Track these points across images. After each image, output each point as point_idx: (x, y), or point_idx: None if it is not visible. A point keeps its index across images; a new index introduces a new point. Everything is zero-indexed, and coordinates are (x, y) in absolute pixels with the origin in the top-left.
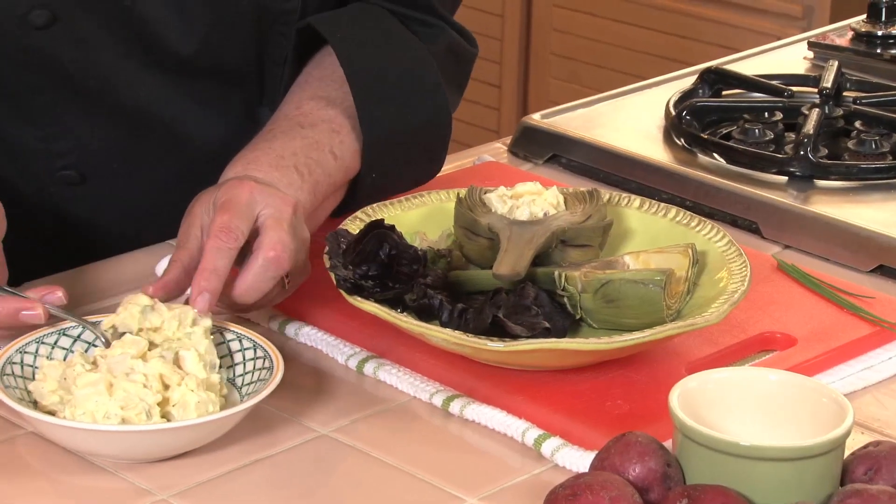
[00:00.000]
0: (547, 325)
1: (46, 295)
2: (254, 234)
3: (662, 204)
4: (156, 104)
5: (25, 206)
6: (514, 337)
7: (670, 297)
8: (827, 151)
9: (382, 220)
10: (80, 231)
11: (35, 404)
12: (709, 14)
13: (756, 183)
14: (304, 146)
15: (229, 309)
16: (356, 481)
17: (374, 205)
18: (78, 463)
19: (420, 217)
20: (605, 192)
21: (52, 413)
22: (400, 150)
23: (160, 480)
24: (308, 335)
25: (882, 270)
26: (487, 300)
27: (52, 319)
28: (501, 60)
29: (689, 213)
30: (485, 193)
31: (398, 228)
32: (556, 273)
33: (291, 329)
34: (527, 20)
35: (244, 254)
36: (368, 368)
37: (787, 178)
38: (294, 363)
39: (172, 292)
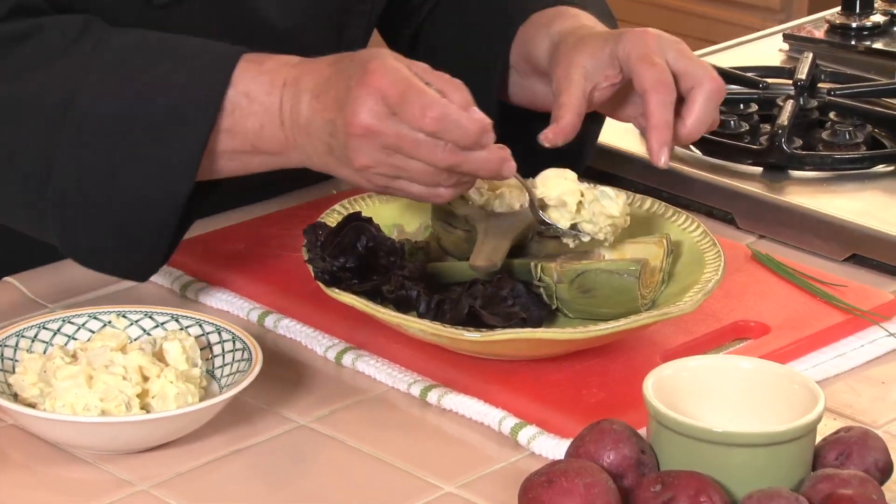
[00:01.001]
0: (523, 315)
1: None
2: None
3: (638, 195)
4: None
5: None
6: (491, 327)
7: (645, 287)
8: (801, 142)
9: (359, 212)
10: None
11: (15, 397)
12: (689, 7)
13: (731, 174)
14: None
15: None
16: (335, 471)
17: (352, 198)
18: (58, 455)
19: (398, 209)
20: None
21: (32, 405)
22: None
23: (140, 471)
24: (287, 327)
25: (855, 259)
26: (464, 291)
27: None
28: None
29: (664, 203)
30: None
31: (376, 221)
32: (532, 264)
33: (270, 321)
34: None
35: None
36: (347, 359)
37: (761, 168)
38: (273, 355)
39: (570, 135)
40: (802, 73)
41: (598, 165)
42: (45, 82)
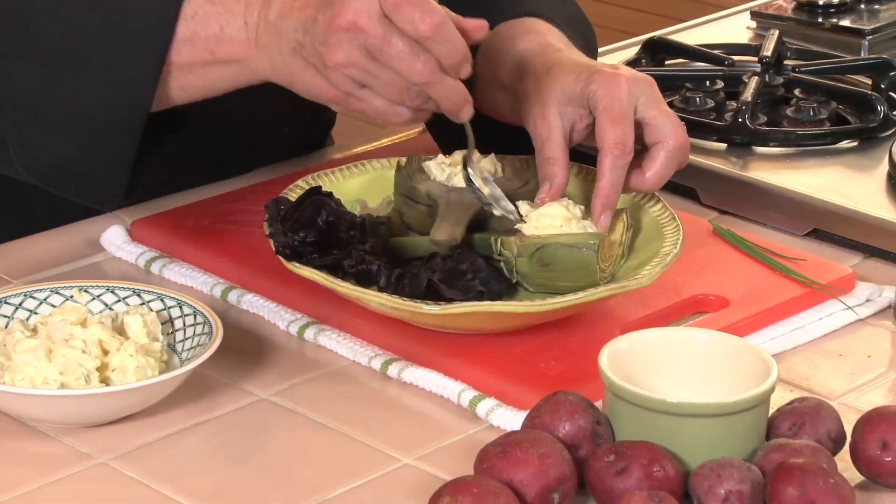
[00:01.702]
0: (481, 288)
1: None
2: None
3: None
4: None
5: None
6: (449, 300)
7: (604, 261)
8: (766, 119)
9: (320, 187)
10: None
11: None
12: None
13: (697, 150)
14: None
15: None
16: (294, 444)
17: (315, 174)
18: (19, 428)
19: (361, 185)
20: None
21: None
22: None
23: (100, 444)
24: (250, 302)
25: (817, 234)
26: (423, 265)
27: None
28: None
29: None
30: (424, 161)
31: (339, 196)
32: (493, 238)
33: (234, 296)
34: None
35: None
36: (309, 334)
37: (726, 145)
38: (236, 330)
39: (563, 192)
40: (768, 51)
41: None
42: None
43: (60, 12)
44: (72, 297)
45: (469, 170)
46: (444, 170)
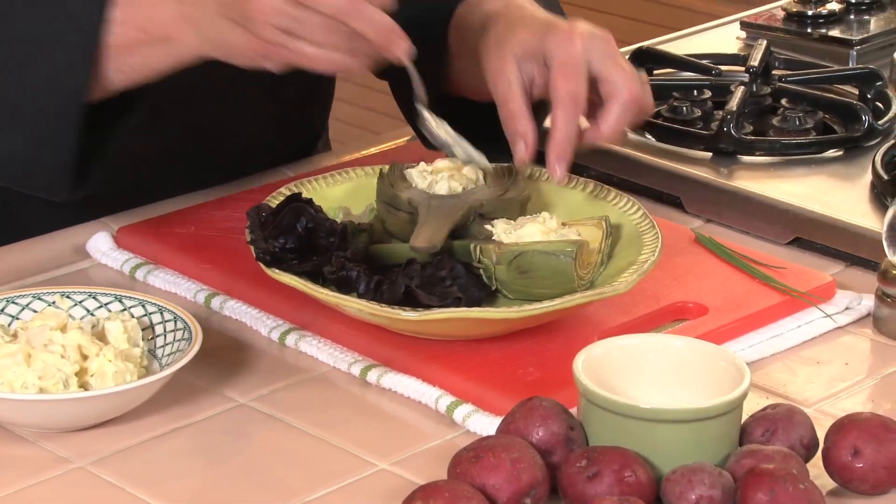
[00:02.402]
0: (459, 294)
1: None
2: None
3: (581, 178)
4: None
5: None
6: (427, 307)
7: (582, 268)
8: (752, 128)
9: (300, 193)
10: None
11: None
12: (693, 5)
13: (683, 159)
14: None
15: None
16: (271, 448)
17: (298, 181)
18: None
19: (345, 192)
20: (527, 168)
21: None
22: None
23: (78, 449)
24: (232, 308)
25: (799, 243)
26: (401, 271)
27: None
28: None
29: (606, 186)
30: (406, 169)
31: (323, 203)
32: (472, 245)
33: (217, 302)
34: None
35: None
36: (290, 340)
37: (711, 154)
38: (218, 336)
39: (535, 148)
40: (755, 60)
41: None
42: None
43: None
44: (53, 302)
45: (422, 112)
46: (425, 177)
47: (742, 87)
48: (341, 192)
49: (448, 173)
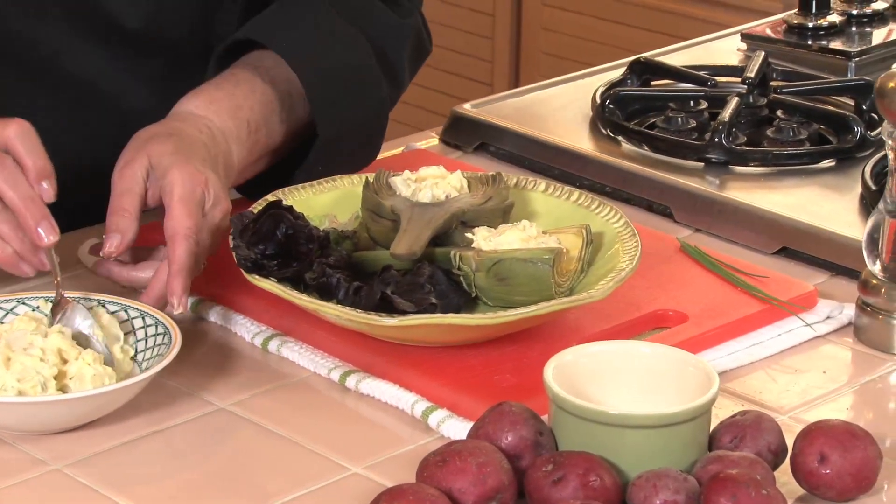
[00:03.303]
0: (433, 301)
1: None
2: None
3: (566, 187)
4: (102, 79)
5: None
6: (403, 312)
7: (560, 276)
8: (746, 139)
9: (280, 200)
10: None
11: None
12: (695, 13)
13: (675, 169)
14: (261, 103)
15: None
16: (246, 452)
17: (286, 189)
18: None
19: (331, 200)
20: (513, 177)
21: None
22: (346, 144)
23: (56, 451)
24: (217, 314)
25: (786, 253)
26: (377, 278)
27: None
28: (493, 59)
29: (590, 195)
30: (391, 177)
31: (309, 211)
32: (452, 252)
33: (203, 309)
34: (517, 19)
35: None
36: (272, 346)
37: (703, 164)
38: (202, 341)
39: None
40: (752, 72)
41: (545, 161)
42: None
43: None
44: (38, 307)
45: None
46: (409, 185)
47: (736, 98)
48: (328, 200)
49: (432, 181)
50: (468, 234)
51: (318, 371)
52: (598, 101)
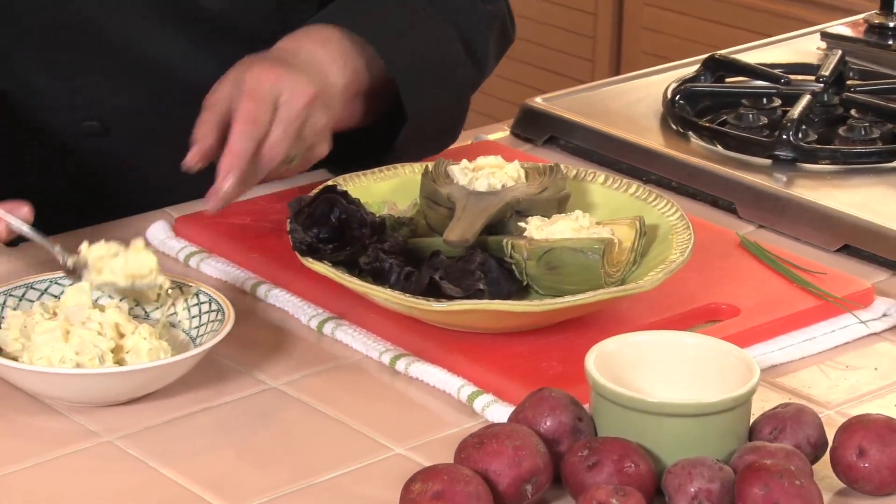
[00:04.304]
0: (481, 287)
1: (14, 209)
2: None
3: (625, 179)
4: (180, 63)
5: (52, 155)
6: (450, 297)
7: (611, 266)
8: (816, 136)
9: (335, 185)
10: (105, 183)
11: (0, 351)
12: (801, 14)
13: (743, 166)
14: (353, 46)
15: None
16: (293, 429)
17: (347, 175)
18: (35, 405)
19: (391, 187)
20: (573, 168)
21: (14, 359)
22: (428, 128)
23: (108, 423)
24: (276, 296)
25: (849, 251)
26: (425, 263)
27: (13, 236)
28: (594, 58)
29: (647, 188)
30: (449, 166)
31: (369, 198)
32: (504, 241)
33: (262, 290)
34: (619, 18)
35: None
36: (327, 328)
37: (771, 161)
38: (260, 322)
39: (209, 154)
40: (827, 70)
41: (613, 155)
42: None
43: None
44: (47, 290)
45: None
46: (467, 174)
47: (808, 96)
48: (388, 187)
49: (489, 170)
50: (521, 224)
51: (370, 354)
52: (669, 96)
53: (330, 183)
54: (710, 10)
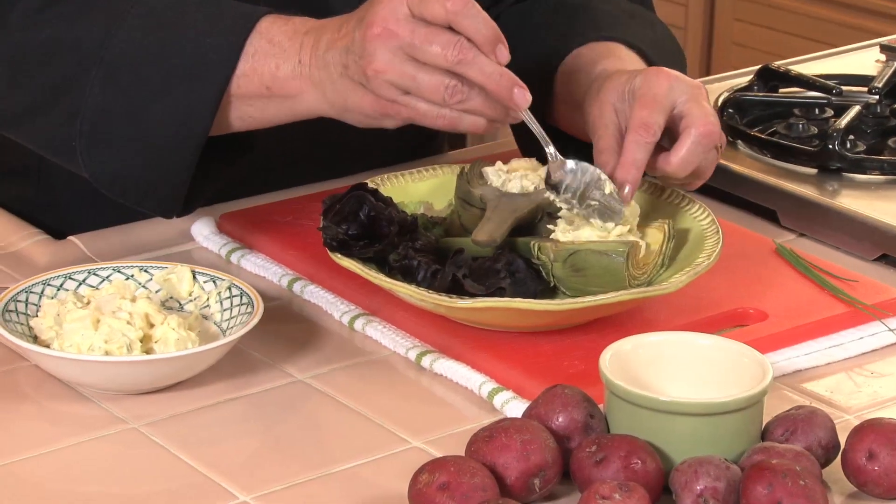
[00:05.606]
0: (503, 285)
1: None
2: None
3: (658, 183)
4: None
5: None
6: (473, 295)
7: (637, 268)
8: (867, 147)
9: (365, 183)
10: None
11: (35, 339)
12: (891, 31)
13: (785, 174)
14: None
15: (667, 183)
16: (315, 421)
17: (384, 175)
18: (66, 392)
19: (429, 188)
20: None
21: (47, 346)
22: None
23: (136, 411)
24: (311, 292)
25: (886, 260)
26: (449, 261)
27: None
28: (685, 49)
29: (679, 192)
30: (484, 167)
31: (406, 198)
32: (532, 242)
33: (298, 286)
34: (709, 34)
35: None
36: (358, 324)
37: (816, 170)
38: (292, 317)
39: (630, 176)
40: (880, 82)
41: None
42: (86, 25)
43: (136, 41)
44: (132, 276)
45: (549, 153)
46: (500, 176)
47: (857, 107)
48: (426, 188)
49: (522, 173)
50: (549, 226)
51: (398, 350)
52: (719, 105)
53: (370, 184)
54: (798, 26)
